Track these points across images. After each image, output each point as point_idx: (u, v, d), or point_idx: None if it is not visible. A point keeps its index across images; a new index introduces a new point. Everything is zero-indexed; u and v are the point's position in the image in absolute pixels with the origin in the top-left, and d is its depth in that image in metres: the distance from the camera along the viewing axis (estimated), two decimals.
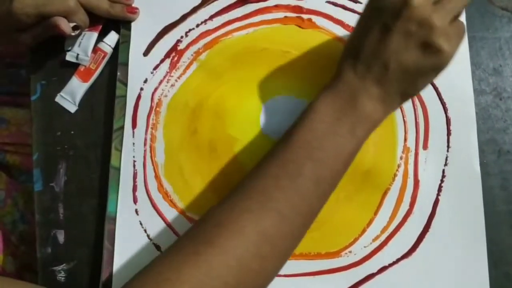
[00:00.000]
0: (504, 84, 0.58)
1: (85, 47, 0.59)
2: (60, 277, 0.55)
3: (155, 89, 0.58)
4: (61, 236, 0.56)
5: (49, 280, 0.55)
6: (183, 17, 0.60)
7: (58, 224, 0.56)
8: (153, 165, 0.56)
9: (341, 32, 0.58)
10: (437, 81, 0.56)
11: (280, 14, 0.59)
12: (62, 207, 0.56)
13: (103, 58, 0.59)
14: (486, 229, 0.54)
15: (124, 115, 0.57)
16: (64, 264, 0.55)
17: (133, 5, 0.59)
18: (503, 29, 0.59)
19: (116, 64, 0.59)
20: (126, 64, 0.58)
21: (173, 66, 0.58)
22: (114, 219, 0.54)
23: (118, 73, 0.58)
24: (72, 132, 0.58)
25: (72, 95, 0.58)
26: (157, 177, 0.56)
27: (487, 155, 0.56)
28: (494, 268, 0.54)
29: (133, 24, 0.59)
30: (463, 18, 0.58)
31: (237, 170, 0.55)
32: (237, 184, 0.47)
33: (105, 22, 0.60)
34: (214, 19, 0.59)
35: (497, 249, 0.54)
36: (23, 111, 0.73)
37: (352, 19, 0.58)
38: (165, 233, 0.54)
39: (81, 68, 0.59)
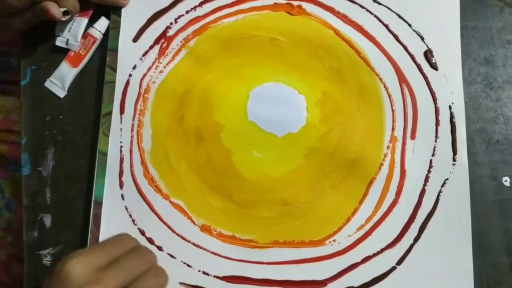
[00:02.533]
0: (494, 73, 0.57)
1: (75, 33, 0.59)
2: (46, 261, 0.55)
3: (144, 76, 0.58)
4: (47, 220, 0.56)
5: (35, 264, 0.55)
6: (173, 4, 0.59)
7: (45, 208, 0.56)
8: (139, 150, 0.56)
9: (331, 19, 0.58)
10: (427, 70, 0.56)
11: (269, 1, 0.59)
12: (49, 191, 0.57)
13: (93, 43, 0.59)
14: (475, 219, 0.53)
15: (112, 100, 0.57)
16: (50, 248, 0.55)
17: None
18: (495, 18, 0.58)
19: (106, 49, 0.59)
20: (115, 50, 0.58)
21: (162, 52, 0.58)
22: (100, 203, 0.55)
23: (108, 59, 0.58)
24: (61, 117, 0.58)
25: (61, 80, 0.59)
26: (143, 162, 0.56)
27: (476, 144, 0.56)
28: (482, 258, 0.53)
29: (123, 10, 0.59)
30: (456, 7, 0.57)
31: (223, 157, 0.55)
32: None
33: (96, 8, 0.60)
34: (203, 6, 0.59)
35: (485, 239, 0.54)
36: (12, 99, 0.73)
37: (342, 6, 0.58)
38: (150, 219, 0.54)
39: (71, 54, 0.59)
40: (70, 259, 0.43)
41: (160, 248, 0.54)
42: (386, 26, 0.57)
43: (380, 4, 0.58)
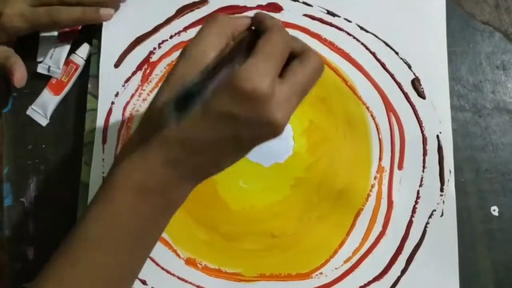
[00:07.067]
0: (483, 100, 0.56)
1: (57, 59, 0.58)
2: None
3: (127, 103, 0.57)
4: (30, 252, 0.55)
5: None
6: (156, 28, 0.58)
7: (28, 239, 0.55)
8: None
9: (318, 46, 0.57)
10: (414, 99, 0.55)
11: None
12: (32, 222, 0.56)
13: (75, 70, 0.58)
14: (462, 250, 0.53)
15: (94, 129, 0.56)
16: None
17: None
18: (484, 43, 0.57)
19: (88, 76, 0.57)
20: (97, 77, 0.57)
21: (145, 79, 0.57)
22: None
23: (89, 86, 0.57)
24: (43, 146, 0.57)
25: (43, 108, 0.57)
26: None
27: (465, 173, 0.55)
28: None
29: (104, 34, 0.58)
30: (443, 35, 0.56)
31: (208, 187, 0.54)
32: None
33: (78, 34, 0.58)
34: (188, 31, 0.58)
35: (473, 269, 0.53)
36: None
37: (329, 33, 0.57)
38: None
39: (53, 81, 0.58)
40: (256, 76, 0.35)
41: (144, 282, 0.53)
42: (373, 54, 0.56)
43: (367, 31, 0.56)
